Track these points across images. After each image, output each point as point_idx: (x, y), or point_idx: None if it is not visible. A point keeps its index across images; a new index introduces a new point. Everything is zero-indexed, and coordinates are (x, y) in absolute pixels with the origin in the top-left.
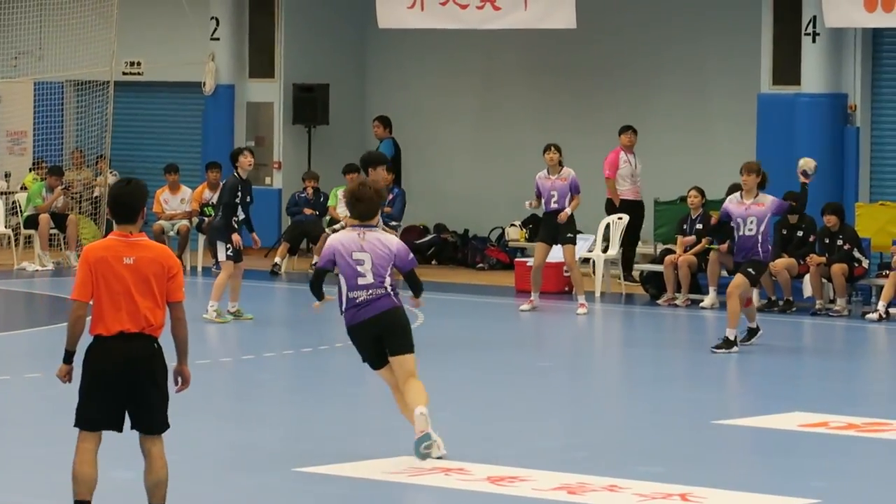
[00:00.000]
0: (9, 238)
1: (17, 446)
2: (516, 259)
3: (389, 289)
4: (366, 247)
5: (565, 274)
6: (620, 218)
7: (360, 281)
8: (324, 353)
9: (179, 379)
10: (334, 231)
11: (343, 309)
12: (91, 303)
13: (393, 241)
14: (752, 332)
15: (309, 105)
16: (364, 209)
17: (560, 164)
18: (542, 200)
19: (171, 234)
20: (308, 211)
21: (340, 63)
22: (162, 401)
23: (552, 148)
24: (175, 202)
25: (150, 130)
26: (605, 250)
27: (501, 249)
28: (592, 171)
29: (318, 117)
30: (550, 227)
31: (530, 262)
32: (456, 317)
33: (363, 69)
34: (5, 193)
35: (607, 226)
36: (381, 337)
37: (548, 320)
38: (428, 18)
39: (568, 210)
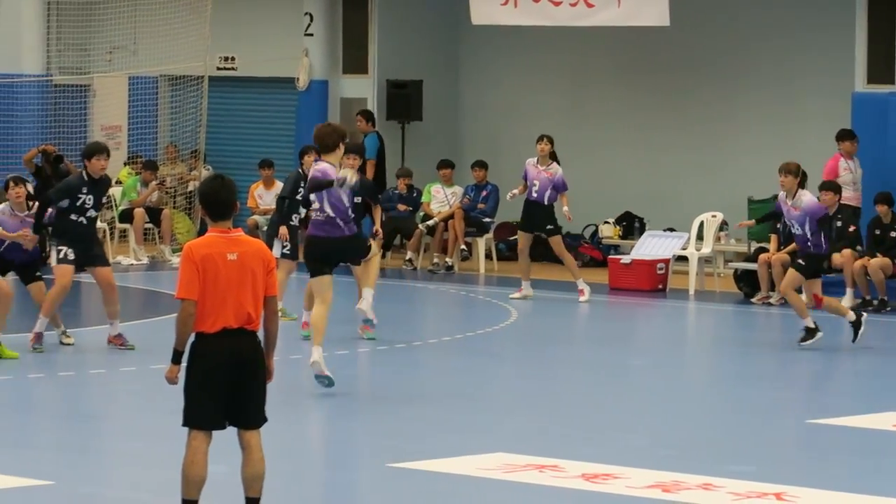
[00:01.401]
0: (104, 232)
1: (113, 440)
2: (609, 256)
3: None
4: None
5: (659, 272)
6: (714, 216)
7: None
8: (417, 348)
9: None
10: (428, 227)
11: None
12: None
13: None
14: (809, 332)
15: (402, 101)
16: None
17: (552, 156)
18: (527, 187)
19: (265, 228)
20: (402, 207)
21: (433, 59)
22: (262, 395)
23: (544, 139)
24: (269, 197)
25: (243, 125)
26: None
27: (594, 247)
28: (683, 168)
29: (411, 113)
30: (529, 216)
31: (624, 259)
32: (548, 314)
33: (456, 65)
34: None
35: (701, 223)
36: None
37: (639, 317)
38: (521, 15)
39: (566, 209)
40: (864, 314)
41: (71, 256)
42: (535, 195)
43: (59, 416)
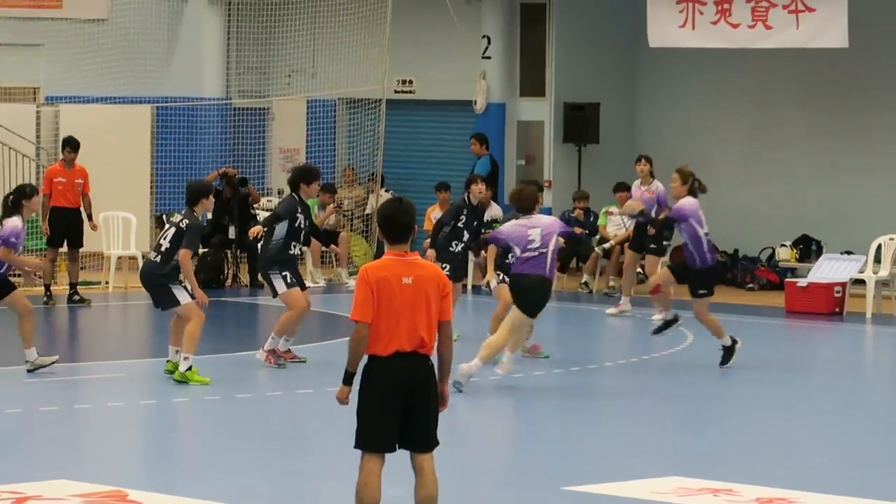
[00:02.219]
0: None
1: (290, 460)
2: (786, 279)
3: None
4: None
5: (836, 295)
6: (892, 238)
7: None
8: (593, 371)
9: (441, 398)
10: (604, 250)
11: None
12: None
13: None
14: None
15: (579, 123)
16: None
17: (651, 175)
18: None
19: None
20: (578, 230)
21: (611, 81)
22: (434, 419)
23: (643, 159)
24: None
25: (420, 148)
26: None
27: (771, 270)
28: (861, 191)
29: (588, 136)
30: (639, 236)
31: (801, 282)
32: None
33: (633, 87)
34: None
35: (879, 246)
36: None
37: (816, 340)
38: (699, 37)
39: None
40: None
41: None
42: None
43: (244, 437)
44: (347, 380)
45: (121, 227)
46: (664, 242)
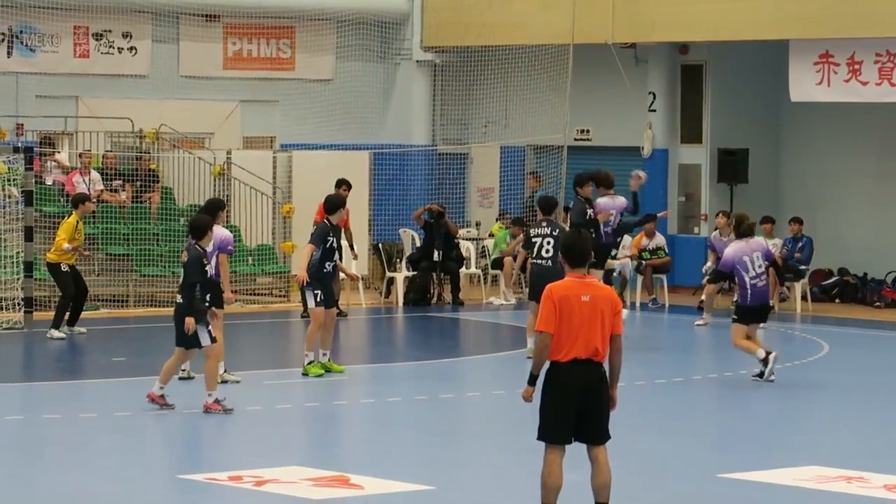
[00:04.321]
0: (479, 277)
1: (483, 454)
2: None
3: None
4: None
5: None
6: None
7: None
8: (742, 377)
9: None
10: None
11: None
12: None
13: None
14: None
15: (731, 166)
16: None
17: (728, 226)
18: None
19: (615, 275)
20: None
21: (758, 130)
22: (606, 416)
23: (719, 214)
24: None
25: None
26: None
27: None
28: None
29: (738, 176)
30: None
31: None
32: (857, 347)
33: (777, 135)
34: (476, 239)
35: None
36: None
37: None
38: (833, 93)
39: None
40: None
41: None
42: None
43: (427, 433)
44: (531, 381)
45: (345, 254)
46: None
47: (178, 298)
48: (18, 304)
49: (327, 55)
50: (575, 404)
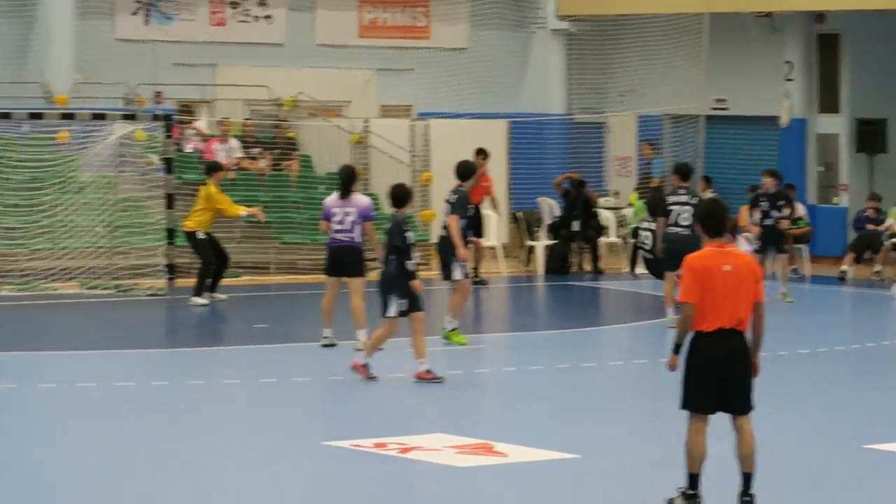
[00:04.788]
0: (618, 246)
1: (627, 423)
2: None
3: None
4: None
5: None
6: None
7: None
8: (884, 348)
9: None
10: (893, 244)
11: None
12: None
13: None
14: None
15: (870, 136)
16: None
17: None
18: None
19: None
20: (870, 226)
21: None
22: (749, 386)
23: None
24: (756, 217)
25: (733, 158)
26: None
27: None
28: None
29: (877, 147)
30: None
31: None
32: None
33: None
34: (615, 209)
35: None
36: None
37: None
38: None
39: None
40: None
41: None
42: None
43: (570, 401)
44: (676, 350)
45: (483, 223)
46: None
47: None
48: (161, 271)
49: (462, 24)
50: (719, 374)
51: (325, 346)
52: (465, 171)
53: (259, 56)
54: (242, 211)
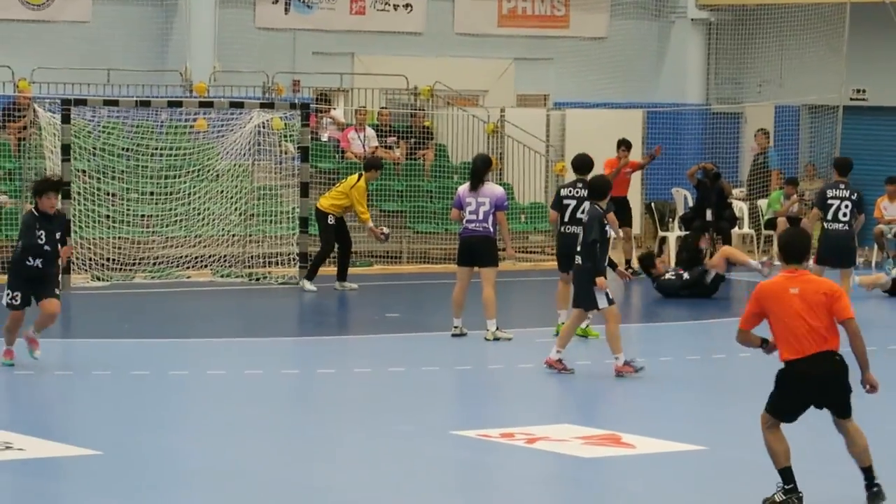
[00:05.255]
0: (752, 237)
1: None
2: None
3: None
4: None
5: None
6: None
7: None
8: None
9: (868, 386)
10: None
11: None
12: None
13: None
14: None
15: None
16: None
17: None
18: None
19: (889, 237)
20: None
21: None
22: (847, 395)
23: None
24: (892, 209)
25: (872, 148)
26: None
27: None
28: None
29: None
30: None
31: None
32: None
33: None
34: (749, 199)
35: None
36: None
37: None
38: None
39: None
40: None
41: None
42: None
43: (699, 392)
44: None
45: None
46: None
47: (578, 260)
48: (294, 259)
49: (602, 13)
50: (810, 397)
51: (455, 335)
52: (582, 164)
53: (398, 45)
54: (369, 222)
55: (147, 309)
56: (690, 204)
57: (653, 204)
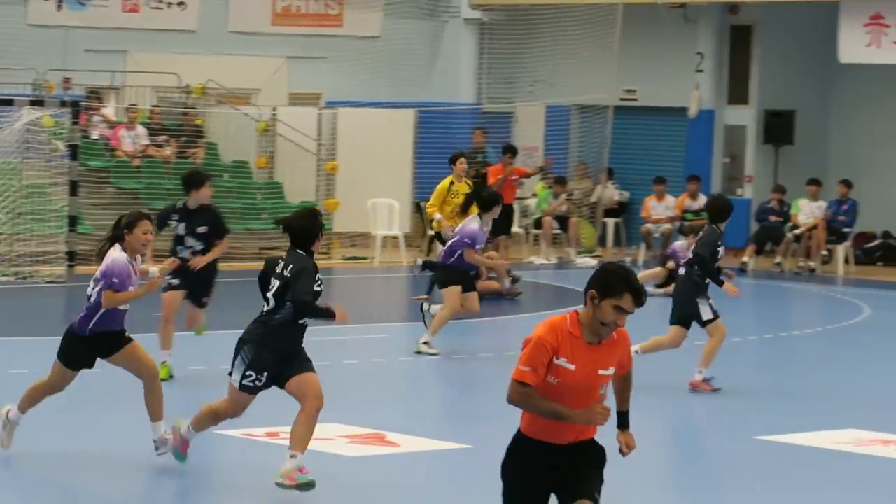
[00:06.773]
0: (524, 237)
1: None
2: None
3: None
4: None
5: None
6: None
7: None
8: (782, 339)
9: None
10: (795, 236)
11: None
12: None
13: None
14: None
15: (777, 128)
16: None
17: None
18: None
19: (657, 235)
20: (773, 218)
21: (805, 92)
22: None
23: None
24: (660, 208)
25: (641, 148)
26: None
27: None
28: None
29: (784, 138)
30: None
31: None
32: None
33: (825, 97)
34: (519, 199)
35: None
36: None
37: None
38: (884, 55)
39: None
40: None
41: None
42: None
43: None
44: None
45: (387, 212)
46: None
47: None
48: (61, 259)
49: (375, 12)
50: None
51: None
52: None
53: (171, 43)
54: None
55: None
56: None
57: (421, 203)
